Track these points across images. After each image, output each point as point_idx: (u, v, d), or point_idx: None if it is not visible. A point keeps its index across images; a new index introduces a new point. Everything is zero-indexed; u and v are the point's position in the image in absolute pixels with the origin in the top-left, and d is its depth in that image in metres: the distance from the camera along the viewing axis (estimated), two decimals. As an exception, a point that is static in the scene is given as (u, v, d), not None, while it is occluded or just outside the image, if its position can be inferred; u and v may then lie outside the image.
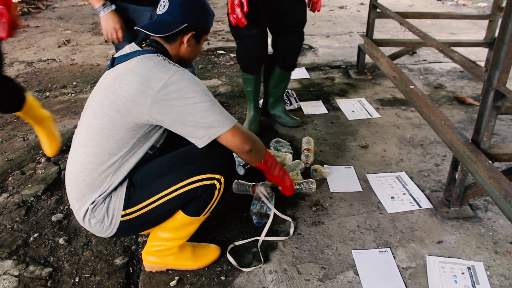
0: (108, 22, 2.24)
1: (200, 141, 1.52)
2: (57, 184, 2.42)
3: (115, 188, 1.57)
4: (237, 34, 2.58)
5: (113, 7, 2.26)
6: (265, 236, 1.95)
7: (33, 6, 6.92)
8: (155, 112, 1.46)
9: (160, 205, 1.58)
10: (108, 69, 1.60)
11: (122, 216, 1.59)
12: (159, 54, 1.56)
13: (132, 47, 1.61)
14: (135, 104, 1.45)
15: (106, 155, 1.52)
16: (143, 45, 1.61)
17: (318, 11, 2.59)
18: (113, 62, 1.59)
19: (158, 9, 1.65)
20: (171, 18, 1.60)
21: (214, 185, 1.60)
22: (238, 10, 2.29)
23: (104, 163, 1.53)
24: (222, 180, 1.62)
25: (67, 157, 2.57)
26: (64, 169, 2.49)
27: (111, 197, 1.57)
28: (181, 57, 1.70)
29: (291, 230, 2.00)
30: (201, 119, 1.48)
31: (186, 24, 1.61)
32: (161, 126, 1.57)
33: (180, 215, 1.66)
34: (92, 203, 1.56)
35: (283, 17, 2.56)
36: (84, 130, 1.56)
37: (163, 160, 1.63)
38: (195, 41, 1.69)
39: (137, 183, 1.59)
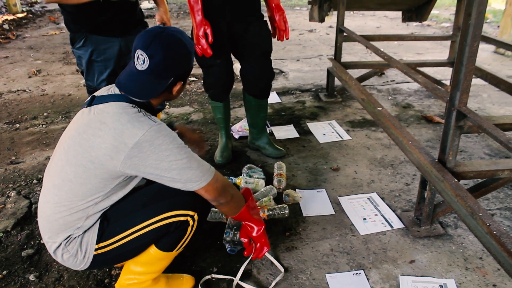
0: None
1: (176, 192, 1.54)
2: (27, 219, 2.38)
3: (90, 223, 1.57)
4: (202, 63, 2.60)
5: None
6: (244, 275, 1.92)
7: (2, 36, 6.85)
8: (128, 168, 1.46)
9: (133, 239, 1.57)
10: (86, 107, 1.57)
11: (96, 249, 1.57)
12: (134, 105, 1.52)
13: (111, 89, 1.59)
14: (109, 158, 1.44)
15: (79, 201, 1.51)
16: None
17: (287, 39, 2.63)
18: (92, 100, 1.57)
19: (136, 62, 1.50)
20: (153, 76, 1.51)
21: (187, 221, 1.60)
22: (203, 41, 2.32)
23: (77, 208, 1.52)
24: (196, 217, 1.62)
25: (38, 191, 2.57)
26: (35, 203, 2.47)
27: (84, 231, 1.56)
28: (167, 99, 1.68)
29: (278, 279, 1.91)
30: (178, 176, 1.48)
31: (172, 78, 1.55)
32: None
33: (153, 250, 1.65)
34: (66, 238, 1.55)
35: (248, 46, 2.58)
36: (57, 173, 1.55)
37: (137, 194, 1.62)
38: (182, 84, 1.63)
39: (111, 217, 1.58)
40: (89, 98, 1.61)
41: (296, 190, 2.52)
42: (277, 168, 2.63)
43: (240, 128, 3.24)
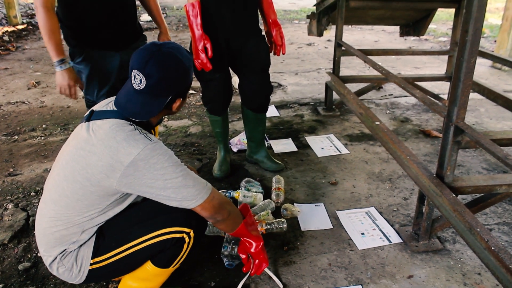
0: (63, 77, 2.24)
1: (172, 208, 1.55)
2: (25, 231, 2.37)
3: (85, 238, 1.57)
4: (201, 77, 2.61)
5: (71, 63, 2.27)
6: None
7: (2, 47, 6.88)
8: (124, 186, 1.46)
9: (128, 255, 1.57)
10: (84, 122, 1.57)
11: (91, 264, 1.57)
12: (131, 123, 1.52)
13: (110, 104, 1.60)
14: (105, 176, 1.45)
15: (75, 216, 1.52)
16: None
17: (284, 54, 2.65)
18: (91, 115, 1.58)
19: (133, 82, 1.50)
20: (151, 96, 1.50)
21: (182, 238, 1.60)
22: (203, 55, 2.34)
23: (73, 222, 1.52)
24: (192, 234, 1.62)
25: (36, 203, 2.57)
26: (33, 215, 2.46)
27: (80, 246, 1.56)
28: (167, 115, 1.68)
29: None
30: (173, 194, 1.48)
31: (170, 97, 1.54)
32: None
33: (149, 266, 1.65)
34: (61, 252, 1.55)
35: (246, 61, 2.60)
36: (54, 187, 1.55)
37: (133, 210, 1.62)
38: (181, 100, 1.62)
39: (107, 232, 1.58)
40: (88, 113, 1.62)
41: (294, 204, 2.52)
42: (275, 182, 2.64)
43: (239, 141, 3.25)
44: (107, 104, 1.62)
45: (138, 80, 1.48)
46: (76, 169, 1.48)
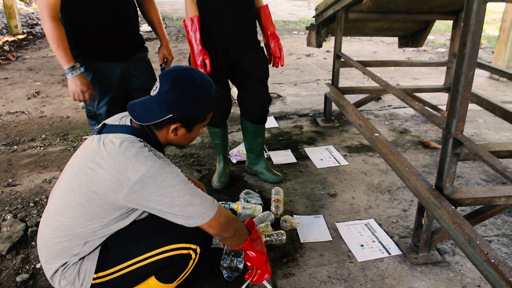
0: (76, 84, 2.26)
1: (179, 224, 1.54)
2: (23, 242, 2.36)
3: (88, 251, 1.56)
4: None
5: (82, 69, 2.28)
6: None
7: (2, 57, 6.90)
8: (130, 202, 1.47)
9: (133, 270, 1.57)
10: (96, 134, 1.58)
11: (94, 279, 1.57)
12: (141, 139, 1.53)
13: (123, 119, 1.61)
14: (111, 190, 1.45)
15: (78, 228, 1.51)
16: (133, 122, 1.60)
17: (282, 65, 2.66)
18: (103, 128, 1.58)
19: (153, 88, 1.56)
20: (157, 104, 1.53)
21: (189, 255, 1.61)
22: (201, 70, 2.35)
23: (76, 234, 1.52)
24: (198, 250, 1.62)
25: (34, 214, 2.56)
26: (31, 226, 2.45)
27: (83, 259, 1.56)
28: (171, 142, 1.67)
29: None
30: (180, 212, 1.49)
31: (171, 115, 1.54)
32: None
33: (152, 281, 1.65)
34: (63, 264, 1.55)
35: (245, 73, 2.62)
36: (60, 198, 1.55)
37: (139, 224, 1.62)
38: (185, 130, 1.61)
39: (112, 247, 1.58)
40: (100, 126, 1.62)
41: (294, 216, 2.52)
42: (275, 194, 2.64)
43: (238, 152, 3.25)
44: (120, 118, 1.63)
45: (155, 87, 1.55)
46: (84, 181, 1.48)
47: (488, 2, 1.66)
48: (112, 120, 1.63)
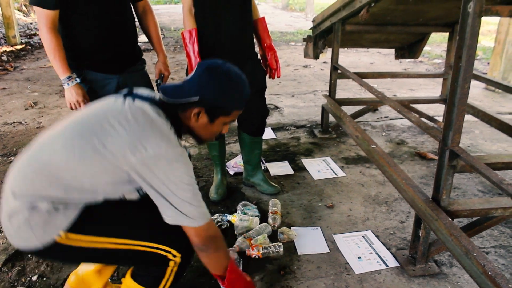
0: (72, 94, 2.27)
1: (166, 218, 1.49)
2: (19, 255, 2.34)
3: (66, 205, 1.46)
4: None
5: (78, 80, 2.29)
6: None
7: (0, 67, 6.91)
8: (134, 171, 1.42)
9: (104, 249, 1.52)
10: (120, 96, 1.54)
11: (60, 236, 1.46)
12: (167, 117, 1.51)
13: (151, 93, 1.59)
14: (122, 152, 1.40)
15: (68, 175, 1.44)
16: (161, 99, 1.56)
17: (278, 77, 2.68)
18: (129, 93, 1.55)
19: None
20: (187, 86, 1.53)
21: (166, 259, 1.57)
22: None
23: (62, 180, 1.44)
24: (178, 260, 1.59)
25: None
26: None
27: (58, 210, 1.45)
28: (192, 130, 1.62)
29: None
30: (176, 205, 1.45)
31: (198, 98, 1.51)
32: (136, 189, 1.55)
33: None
34: (31, 206, 1.43)
35: None
36: (60, 138, 1.48)
37: (132, 209, 1.59)
38: (207, 119, 1.57)
39: (95, 215, 1.51)
40: (126, 90, 1.58)
41: (291, 227, 2.52)
42: (272, 206, 2.64)
43: (235, 164, 3.26)
44: (148, 91, 1.60)
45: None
46: (97, 132, 1.43)
47: (483, 16, 1.68)
48: (140, 90, 1.59)
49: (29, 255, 2.32)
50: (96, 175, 1.44)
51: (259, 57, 2.69)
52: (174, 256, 1.57)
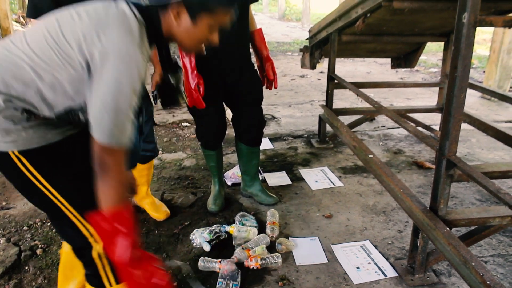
0: None
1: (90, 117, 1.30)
2: (16, 267, 2.33)
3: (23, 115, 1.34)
4: (195, 112, 2.64)
5: None
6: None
7: None
8: (89, 51, 1.27)
9: (43, 194, 1.45)
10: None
11: (14, 154, 1.38)
12: (143, 22, 1.35)
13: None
14: (77, 36, 1.29)
15: (29, 60, 1.31)
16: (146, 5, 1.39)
17: (276, 88, 2.69)
18: None
19: None
20: None
21: (88, 244, 1.47)
22: (196, 94, 2.38)
23: (23, 64, 1.31)
24: (100, 248, 1.46)
25: (28, 238, 2.54)
26: (24, 251, 2.43)
27: (31, 121, 1.36)
28: (174, 36, 1.45)
29: None
30: (96, 105, 1.27)
31: None
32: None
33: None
34: (8, 98, 1.31)
35: (239, 95, 2.65)
36: (34, 31, 1.36)
37: (88, 177, 1.40)
38: (189, 19, 1.39)
39: (51, 157, 1.43)
40: None
41: (289, 238, 2.51)
42: (270, 216, 2.63)
43: (233, 174, 3.26)
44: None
45: None
46: (65, 23, 1.32)
47: (477, 27, 1.69)
48: None
49: (26, 268, 2.31)
50: (52, 63, 1.30)
51: (256, 67, 2.71)
52: (96, 241, 1.46)
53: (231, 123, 2.88)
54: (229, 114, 3.85)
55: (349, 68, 7.89)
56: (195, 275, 2.20)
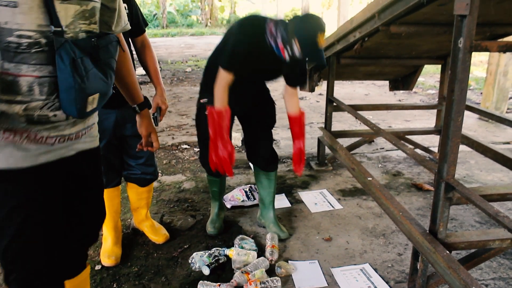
0: None
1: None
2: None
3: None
4: (202, 136, 2.61)
5: None
6: None
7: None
8: None
9: None
10: None
11: None
12: None
13: None
14: None
15: None
16: None
17: (299, 175, 2.75)
18: None
19: None
20: None
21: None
22: (227, 164, 2.35)
23: None
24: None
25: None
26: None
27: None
28: None
29: None
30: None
31: None
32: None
33: None
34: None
35: (256, 121, 2.71)
36: None
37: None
38: None
39: None
40: None
41: (289, 261, 2.50)
42: (270, 239, 2.62)
43: (232, 197, 3.25)
44: None
45: None
46: None
47: (473, 52, 1.72)
48: None
49: None
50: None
51: (269, 92, 2.77)
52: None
53: (237, 146, 2.88)
54: (234, 138, 3.87)
55: (348, 90, 7.94)
56: (194, 299, 2.19)
